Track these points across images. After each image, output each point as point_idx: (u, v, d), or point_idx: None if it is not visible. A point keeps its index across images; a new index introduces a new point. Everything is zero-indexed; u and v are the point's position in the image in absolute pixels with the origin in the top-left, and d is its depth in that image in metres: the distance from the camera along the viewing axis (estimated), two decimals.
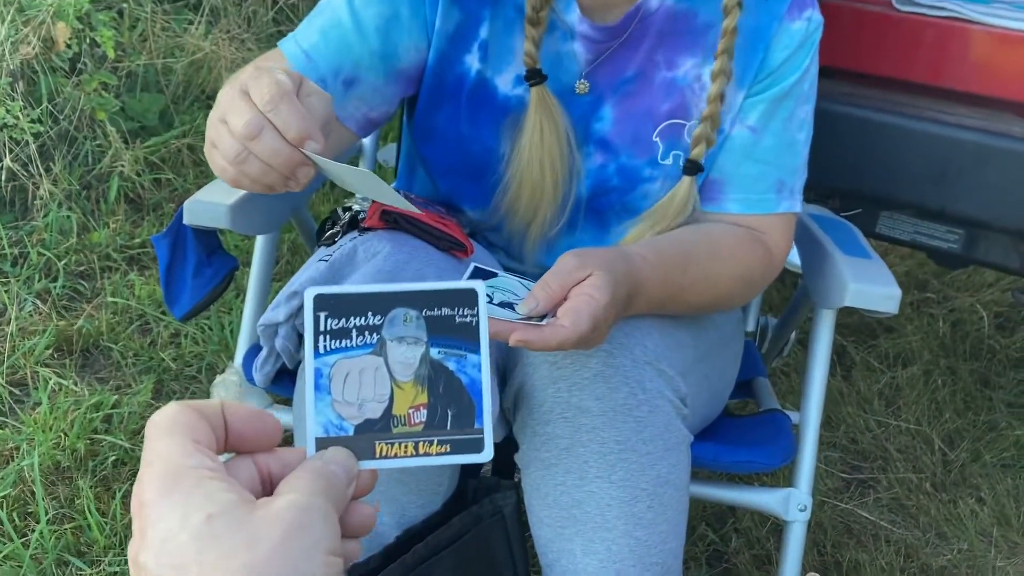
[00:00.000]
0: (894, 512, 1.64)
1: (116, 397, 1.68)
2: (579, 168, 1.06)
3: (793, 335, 1.52)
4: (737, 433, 1.14)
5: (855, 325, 2.15)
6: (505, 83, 1.05)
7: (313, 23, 1.03)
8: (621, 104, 1.05)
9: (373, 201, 1.03)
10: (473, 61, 1.05)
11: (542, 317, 0.84)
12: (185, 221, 1.14)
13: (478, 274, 0.90)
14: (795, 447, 1.15)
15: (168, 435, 0.43)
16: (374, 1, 1.01)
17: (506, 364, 0.99)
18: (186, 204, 1.14)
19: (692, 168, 1.04)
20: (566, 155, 1.04)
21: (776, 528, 1.53)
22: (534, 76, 1.02)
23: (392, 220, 0.98)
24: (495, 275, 0.91)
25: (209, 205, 1.14)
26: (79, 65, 2.38)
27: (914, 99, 1.59)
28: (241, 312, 1.83)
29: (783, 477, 1.56)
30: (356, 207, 1.07)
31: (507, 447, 1.04)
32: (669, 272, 0.97)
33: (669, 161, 1.05)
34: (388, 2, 1.02)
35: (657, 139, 1.05)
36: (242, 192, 1.17)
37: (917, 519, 1.62)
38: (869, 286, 1.06)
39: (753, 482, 1.50)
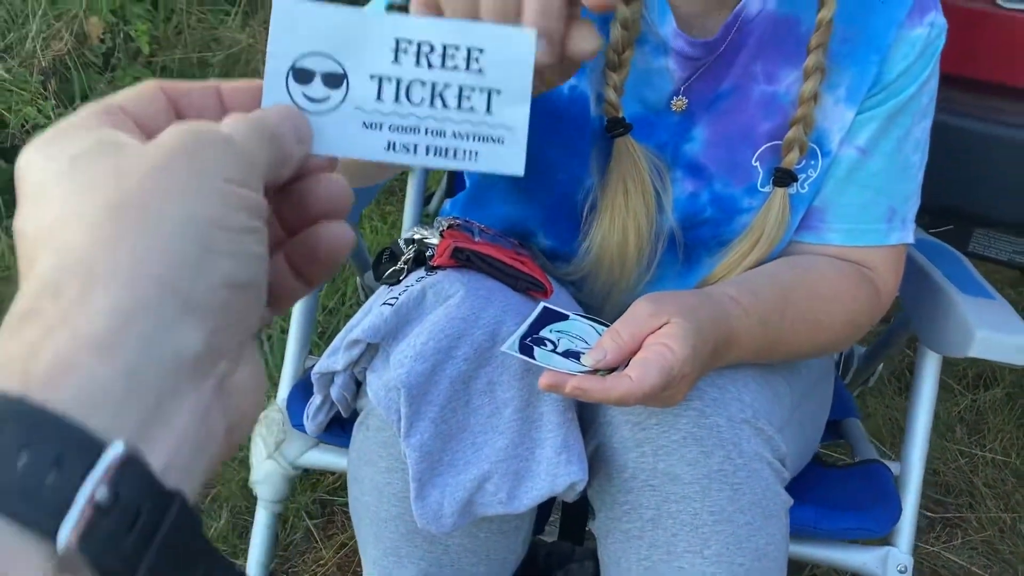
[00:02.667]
0: (986, 556, 1.51)
1: None
2: (667, 199, 0.93)
3: (880, 367, 1.39)
4: (836, 491, 1.02)
5: None
6: (598, 104, 0.92)
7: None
8: (715, 124, 0.92)
9: (442, 236, 0.91)
10: None
11: (612, 370, 0.73)
12: None
13: (547, 316, 0.80)
14: (900, 506, 1.03)
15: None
16: None
17: (581, 420, 0.88)
18: None
19: (784, 178, 0.91)
20: (653, 216, 0.92)
21: None
22: (617, 126, 0.89)
23: (465, 258, 0.87)
24: (566, 317, 0.81)
25: None
26: (112, 60, 2.30)
27: (1016, 105, 1.45)
28: (281, 328, 1.74)
29: None
30: (418, 237, 0.96)
31: (578, 508, 0.93)
32: (766, 316, 0.85)
33: (770, 188, 0.92)
34: None
35: (756, 163, 0.92)
36: None
37: (1013, 566, 1.49)
38: (998, 335, 0.93)
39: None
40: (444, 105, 0.41)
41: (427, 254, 0.98)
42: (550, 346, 0.77)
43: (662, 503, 0.81)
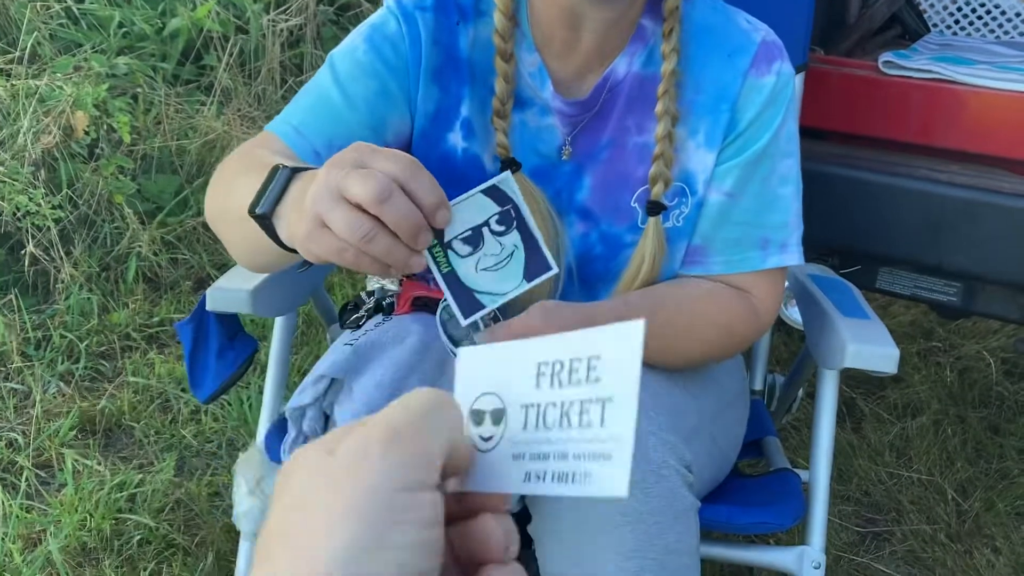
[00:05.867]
0: (910, 564, 1.65)
1: (140, 476, 1.72)
2: (563, 240, 1.09)
3: (801, 392, 1.55)
4: (747, 494, 1.16)
5: (863, 376, 2.18)
6: (491, 160, 1.08)
7: (299, 103, 1.06)
8: (598, 172, 1.07)
9: (401, 284, 1.06)
10: (457, 139, 1.07)
11: None
12: (208, 307, 1.19)
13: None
14: (805, 505, 1.18)
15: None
16: (361, 76, 1.04)
17: None
18: (208, 292, 1.19)
19: (654, 208, 1.05)
20: (554, 235, 1.07)
21: None
22: (509, 165, 1.04)
23: (422, 304, 1.02)
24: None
25: (231, 292, 1.19)
26: (96, 150, 2.46)
27: (906, 158, 1.64)
28: (259, 388, 1.88)
29: (797, 534, 1.58)
30: (378, 286, 1.11)
31: (523, 518, 1.07)
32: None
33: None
34: (376, 76, 1.04)
35: (635, 204, 1.07)
36: (262, 277, 1.22)
37: (934, 571, 1.63)
38: (867, 347, 1.10)
39: (768, 540, 1.51)
40: (569, 424, 0.39)
41: (385, 302, 1.14)
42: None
43: (582, 508, 0.94)
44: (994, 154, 1.59)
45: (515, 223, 0.81)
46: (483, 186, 0.81)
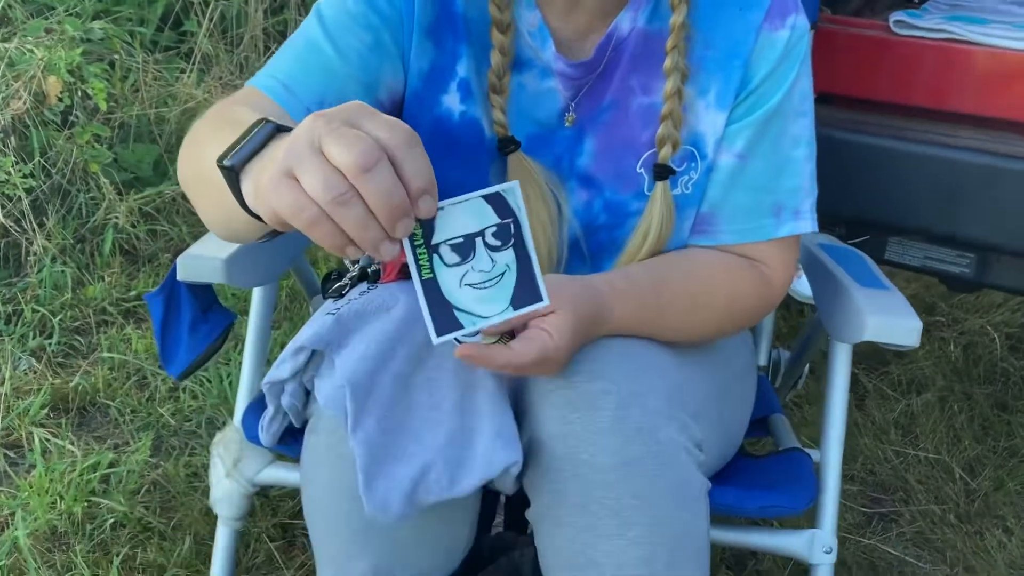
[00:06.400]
0: (919, 546, 1.60)
1: (114, 456, 1.64)
2: (566, 211, 1.02)
3: (807, 368, 1.48)
4: (757, 475, 1.09)
5: (865, 352, 2.11)
6: (489, 126, 1.00)
7: (286, 54, 0.97)
8: (601, 137, 1.01)
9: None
10: (453, 101, 1.00)
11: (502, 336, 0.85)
12: (179, 277, 1.11)
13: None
14: (818, 487, 1.11)
15: None
16: (353, 27, 0.96)
17: (516, 413, 0.95)
18: (179, 259, 1.10)
19: (662, 172, 0.98)
20: (555, 217, 1.00)
21: (799, 569, 1.48)
22: (507, 144, 0.97)
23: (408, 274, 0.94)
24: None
25: (203, 260, 1.10)
26: (71, 118, 2.36)
27: (917, 123, 1.57)
28: (240, 364, 1.80)
29: (806, 517, 1.52)
30: (363, 260, 1.03)
31: (520, 501, 1.00)
32: (642, 296, 0.94)
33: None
34: (369, 28, 0.96)
35: (641, 170, 1.00)
36: (236, 246, 1.13)
37: (943, 553, 1.57)
38: (889, 319, 1.03)
39: (774, 523, 1.45)
40: None
41: (371, 269, 1.06)
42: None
43: (587, 491, 0.86)
44: (1010, 118, 1.52)
45: (512, 241, 0.73)
46: (486, 191, 0.72)
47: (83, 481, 1.56)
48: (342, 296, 0.99)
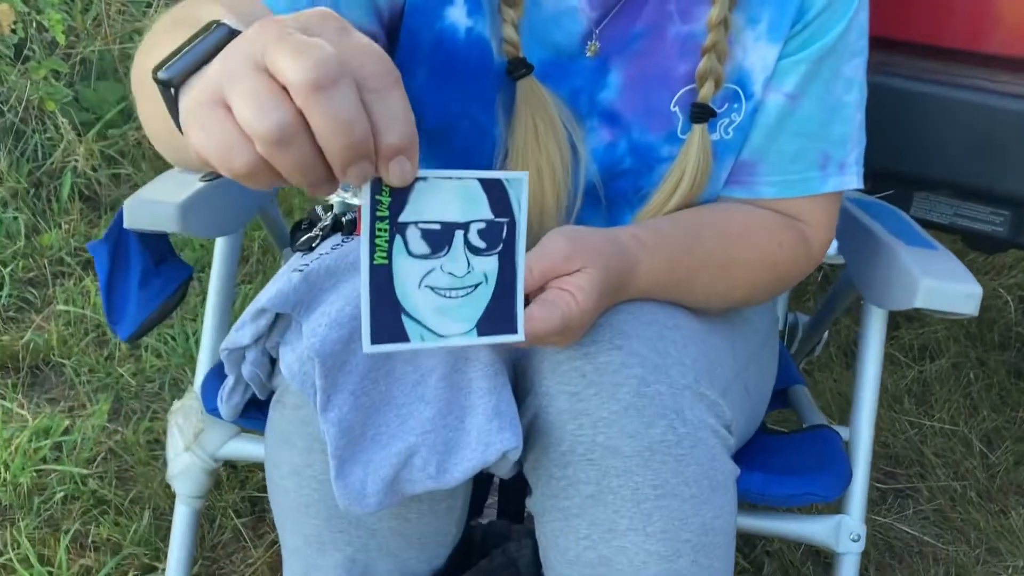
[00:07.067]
0: (939, 525, 1.49)
1: (68, 421, 1.50)
2: (583, 153, 0.88)
3: (826, 335, 1.36)
4: (784, 458, 0.97)
5: None
6: (499, 48, 0.86)
7: None
8: (630, 68, 0.87)
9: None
10: (459, 15, 0.85)
11: None
12: (126, 225, 0.97)
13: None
14: (850, 470, 0.99)
15: None
16: None
17: (516, 389, 0.82)
18: (126, 204, 0.96)
19: (701, 113, 0.86)
20: (567, 160, 0.86)
21: (811, 550, 1.38)
22: (519, 67, 0.84)
23: None
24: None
25: (154, 205, 0.96)
26: (26, 51, 2.19)
27: (951, 66, 1.43)
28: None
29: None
30: (338, 200, 0.89)
31: (517, 487, 0.87)
32: (672, 254, 0.81)
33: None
34: None
35: (675, 109, 0.88)
36: (195, 188, 0.99)
37: (965, 533, 1.47)
38: (945, 283, 0.89)
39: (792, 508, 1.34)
40: None
41: (345, 218, 0.92)
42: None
43: (602, 478, 0.75)
44: None
45: (501, 247, 0.59)
46: (485, 174, 0.57)
47: (32, 448, 1.42)
48: (312, 250, 0.85)
